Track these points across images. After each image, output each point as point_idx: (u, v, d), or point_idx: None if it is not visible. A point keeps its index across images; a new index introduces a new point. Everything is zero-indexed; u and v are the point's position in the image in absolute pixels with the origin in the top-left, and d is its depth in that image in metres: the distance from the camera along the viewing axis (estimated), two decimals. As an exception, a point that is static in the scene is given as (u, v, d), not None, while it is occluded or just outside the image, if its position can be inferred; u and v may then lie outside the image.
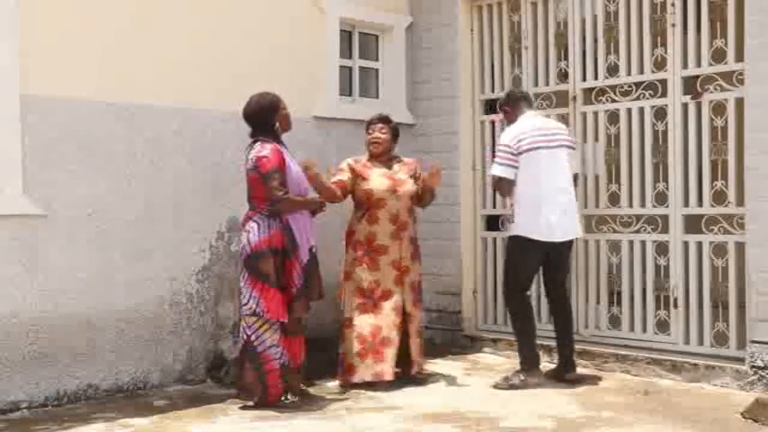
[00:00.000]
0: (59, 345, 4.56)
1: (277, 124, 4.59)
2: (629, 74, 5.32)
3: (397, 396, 4.72)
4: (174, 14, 5.04)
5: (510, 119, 5.04)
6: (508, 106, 5.08)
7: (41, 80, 4.48)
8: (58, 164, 4.57)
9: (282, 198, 4.39)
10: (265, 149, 4.45)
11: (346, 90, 6.12)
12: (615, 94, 5.41)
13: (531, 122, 4.89)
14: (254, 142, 4.55)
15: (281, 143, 4.58)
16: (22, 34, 4.40)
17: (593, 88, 5.52)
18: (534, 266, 4.98)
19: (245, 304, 4.44)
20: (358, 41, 6.21)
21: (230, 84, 5.29)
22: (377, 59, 6.36)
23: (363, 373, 4.86)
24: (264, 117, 4.56)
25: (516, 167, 4.77)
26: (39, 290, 4.49)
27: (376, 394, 4.76)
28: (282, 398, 4.49)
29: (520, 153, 4.76)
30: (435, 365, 5.50)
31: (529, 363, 4.89)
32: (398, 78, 6.33)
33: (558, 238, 4.82)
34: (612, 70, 5.40)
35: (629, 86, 5.34)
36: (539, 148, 4.77)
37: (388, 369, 4.84)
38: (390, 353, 4.87)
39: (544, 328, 5.74)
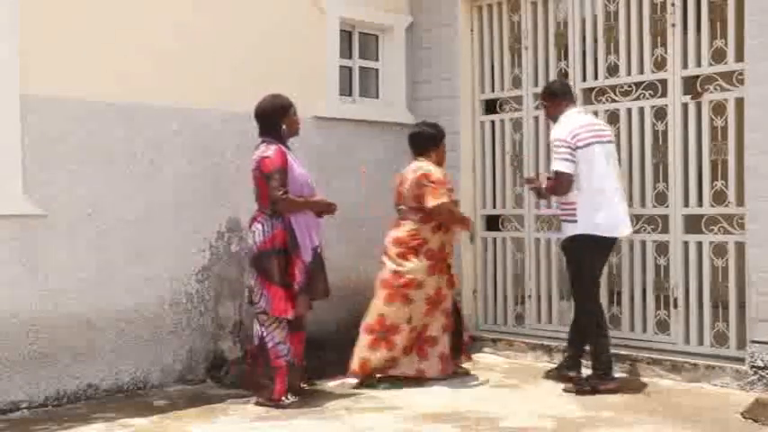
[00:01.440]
0: (59, 345, 4.56)
1: (284, 127, 4.62)
2: (629, 74, 5.32)
3: (397, 396, 4.72)
4: (174, 15, 5.04)
5: (550, 114, 4.93)
6: (547, 101, 4.93)
7: (41, 80, 4.48)
8: (58, 164, 4.58)
9: (281, 198, 4.43)
10: (269, 150, 4.51)
11: (346, 90, 6.12)
12: (615, 94, 5.41)
13: (579, 119, 4.77)
14: (261, 143, 4.60)
15: (285, 145, 4.61)
16: (22, 34, 4.41)
17: (593, 88, 5.52)
18: (601, 265, 4.89)
19: (257, 302, 4.51)
20: (358, 41, 6.21)
21: (230, 84, 5.29)
22: (377, 59, 6.36)
23: (407, 368, 5.01)
24: (273, 118, 4.62)
25: (575, 162, 4.63)
26: (39, 290, 4.49)
27: (376, 394, 4.76)
28: (283, 397, 4.50)
29: (577, 148, 4.63)
30: (435, 365, 5.51)
31: (606, 368, 4.73)
32: (398, 78, 6.33)
33: (622, 232, 4.78)
34: (612, 70, 5.40)
35: (629, 86, 5.34)
36: (593, 143, 4.65)
37: (429, 367, 5.03)
38: (434, 352, 5.04)
39: (545, 328, 5.76)
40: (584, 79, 5.52)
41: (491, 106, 6.12)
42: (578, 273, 4.77)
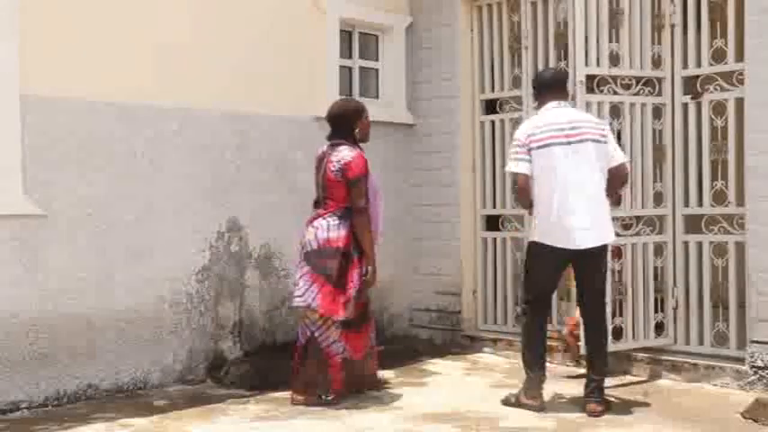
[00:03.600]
0: (59, 345, 4.55)
1: (357, 130, 4.63)
2: (631, 67, 5.27)
3: (397, 396, 4.72)
4: (174, 14, 5.03)
5: (538, 105, 4.57)
6: (534, 89, 4.59)
7: (41, 80, 4.48)
8: (58, 164, 4.57)
9: (363, 209, 4.51)
10: (353, 153, 4.54)
11: (346, 90, 6.11)
12: (617, 85, 5.37)
13: (546, 116, 4.37)
14: (338, 144, 4.61)
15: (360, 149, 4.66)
16: (22, 34, 4.40)
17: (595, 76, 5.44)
18: (550, 275, 4.40)
19: (300, 296, 4.51)
20: (358, 41, 6.21)
21: (230, 84, 5.29)
22: (377, 59, 6.36)
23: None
24: (348, 121, 4.64)
25: (529, 161, 4.27)
26: (39, 290, 4.49)
27: (377, 394, 4.76)
28: (333, 394, 4.53)
29: (531, 149, 4.27)
30: (435, 365, 5.51)
31: (526, 383, 4.42)
32: (398, 78, 6.33)
33: (579, 244, 4.23)
34: (614, 59, 5.35)
35: (629, 79, 5.30)
36: (551, 144, 4.24)
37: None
38: None
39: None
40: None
41: (491, 106, 6.13)
42: (525, 280, 4.50)
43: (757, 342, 4.59)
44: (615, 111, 5.33)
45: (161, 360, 4.97)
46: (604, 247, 4.39)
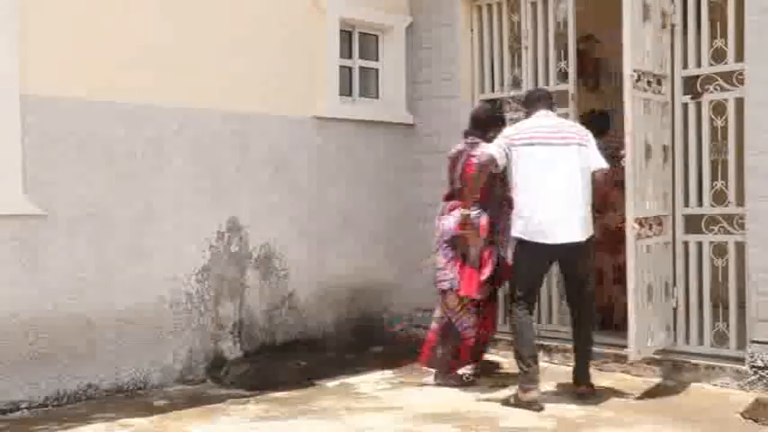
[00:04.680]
0: (59, 345, 4.56)
1: (492, 134, 4.86)
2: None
3: (397, 396, 4.72)
4: (174, 14, 5.04)
5: (526, 115, 4.83)
6: (526, 108, 4.84)
7: (41, 80, 4.48)
8: (58, 164, 4.57)
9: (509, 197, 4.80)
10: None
11: (346, 90, 6.12)
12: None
13: (534, 121, 4.63)
14: (475, 143, 4.95)
15: None
16: (21, 34, 4.40)
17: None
18: (536, 271, 4.59)
19: (443, 280, 4.88)
20: (358, 41, 6.21)
21: (230, 84, 5.29)
22: (377, 59, 6.36)
23: None
24: (489, 125, 5.03)
25: (505, 153, 4.52)
26: (39, 290, 4.49)
27: (377, 394, 4.76)
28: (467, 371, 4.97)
29: (513, 146, 4.51)
30: (435, 365, 5.51)
31: (521, 378, 4.49)
32: (398, 78, 6.33)
33: (557, 240, 4.43)
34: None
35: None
36: (535, 143, 4.48)
37: None
38: None
39: (545, 328, 5.75)
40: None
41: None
42: (512, 276, 4.69)
43: (757, 342, 4.59)
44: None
45: (161, 360, 4.97)
46: (585, 243, 4.54)
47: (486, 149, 4.70)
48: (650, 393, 4.68)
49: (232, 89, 5.30)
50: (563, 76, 5.66)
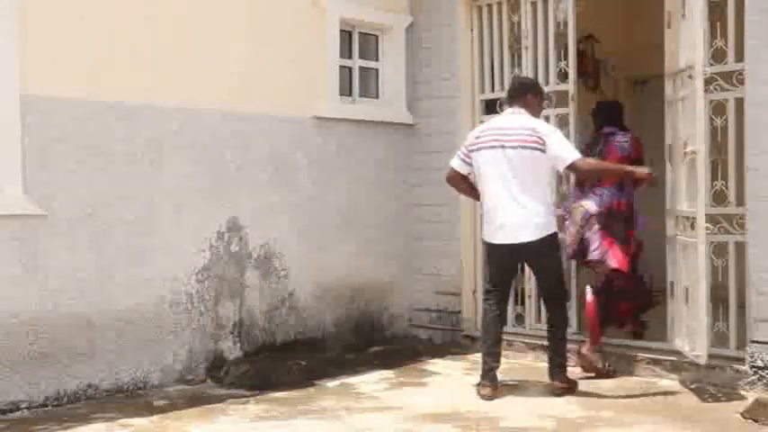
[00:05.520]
0: (59, 345, 4.55)
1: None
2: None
3: (397, 396, 4.72)
4: (175, 14, 5.03)
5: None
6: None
7: (41, 80, 4.48)
8: (58, 164, 4.57)
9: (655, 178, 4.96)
10: (631, 136, 5.36)
11: (346, 90, 6.12)
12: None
13: (488, 123, 4.90)
14: (611, 133, 5.35)
15: None
16: (21, 34, 4.40)
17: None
18: (498, 268, 4.76)
19: (595, 250, 5.06)
20: (358, 41, 6.21)
21: (230, 83, 5.29)
22: (377, 59, 6.36)
23: None
24: (619, 114, 5.56)
25: (468, 163, 4.75)
26: (38, 290, 4.49)
27: (377, 394, 4.76)
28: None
29: (471, 152, 4.73)
30: (435, 365, 5.51)
31: (481, 371, 4.76)
32: (398, 78, 6.33)
33: (509, 240, 4.60)
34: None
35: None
36: (482, 148, 4.64)
37: None
38: None
39: (544, 328, 5.75)
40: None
41: (491, 106, 6.10)
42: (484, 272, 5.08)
43: (757, 342, 4.58)
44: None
45: (161, 360, 4.97)
46: (542, 242, 4.61)
47: (450, 161, 4.91)
48: (650, 393, 4.68)
49: (232, 89, 5.30)
50: (563, 76, 5.66)
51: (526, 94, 4.78)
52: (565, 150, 4.60)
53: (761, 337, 4.57)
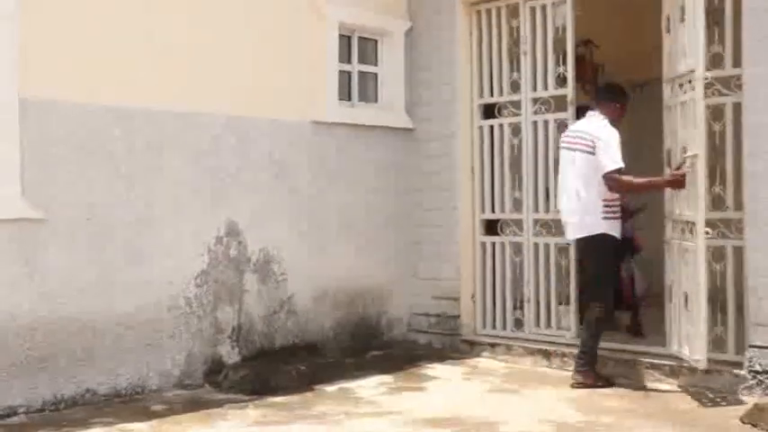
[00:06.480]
0: (57, 349, 4.54)
1: None
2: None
3: (396, 401, 4.71)
4: (174, 19, 5.04)
5: None
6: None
7: (40, 83, 4.47)
8: (57, 167, 4.57)
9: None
10: None
11: (346, 94, 6.12)
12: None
13: (574, 125, 5.21)
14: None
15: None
16: (21, 36, 4.40)
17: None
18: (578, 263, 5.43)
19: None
20: (357, 46, 6.22)
21: (230, 87, 5.29)
22: (376, 64, 6.36)
23: None
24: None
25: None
26: (37, 293, 4.48)
27: (375, 399, 4.76)
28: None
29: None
30: (434, 370, 5.51)
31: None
32: (397, 83, 6.33)
33: (567, 236, 5.17)
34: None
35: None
36: (561, 149, 5.12)
37: None
38: None
39: (544, 332, 5.75)
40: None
41: (490, 111, 6.13)
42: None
43: (755, 347, 4.58)
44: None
45: (159, 365, 4.96)
46: (584, 241, 5.01)
47: None
48: (649, 398, 4.68)
49: (231, 93, 5.30)
50: (562, 80, 5.68)
51: (603, 99, 5.13)
52: (605, 158, 4.83)
53: (759, 342, 4.57)
